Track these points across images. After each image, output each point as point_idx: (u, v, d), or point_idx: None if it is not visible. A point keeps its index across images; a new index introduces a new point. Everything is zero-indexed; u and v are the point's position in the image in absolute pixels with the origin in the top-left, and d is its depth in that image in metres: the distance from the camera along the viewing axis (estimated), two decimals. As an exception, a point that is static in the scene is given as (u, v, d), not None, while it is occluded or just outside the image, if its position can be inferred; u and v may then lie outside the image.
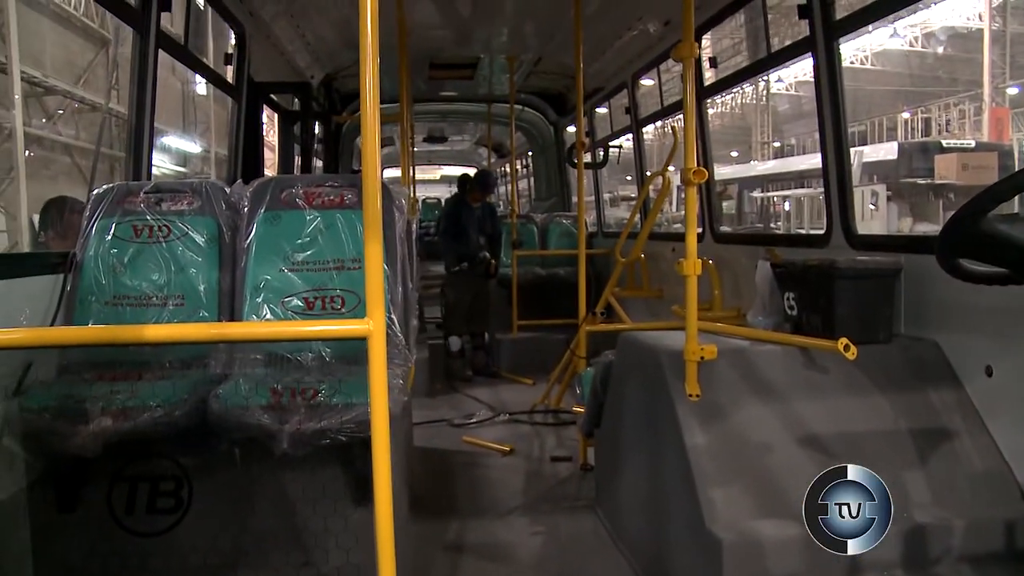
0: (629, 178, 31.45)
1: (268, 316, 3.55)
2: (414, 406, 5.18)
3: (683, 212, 3.49)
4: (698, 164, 3.39)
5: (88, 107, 16.94)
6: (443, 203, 10.70)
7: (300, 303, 3.60)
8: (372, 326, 1.90)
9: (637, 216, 7.37)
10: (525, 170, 15.63)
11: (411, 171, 9.72)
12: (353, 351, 3.41)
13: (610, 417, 4.18)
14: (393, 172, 18.20)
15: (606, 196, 20.80)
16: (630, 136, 8.34)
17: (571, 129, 11.61)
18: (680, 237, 4.74)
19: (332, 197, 3.74)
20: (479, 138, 16.23)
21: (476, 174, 8.59)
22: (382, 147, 2.61)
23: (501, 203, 19.17)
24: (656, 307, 7.23)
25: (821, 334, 3.51)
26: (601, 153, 8.86)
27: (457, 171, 15.76)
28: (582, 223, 6.04)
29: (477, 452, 5.70)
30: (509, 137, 10.23)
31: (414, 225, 4.23)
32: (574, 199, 11.69)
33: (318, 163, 9.47)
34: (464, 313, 8.39)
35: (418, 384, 6.75)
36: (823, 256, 3.95)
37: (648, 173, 7.70)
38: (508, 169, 12.85)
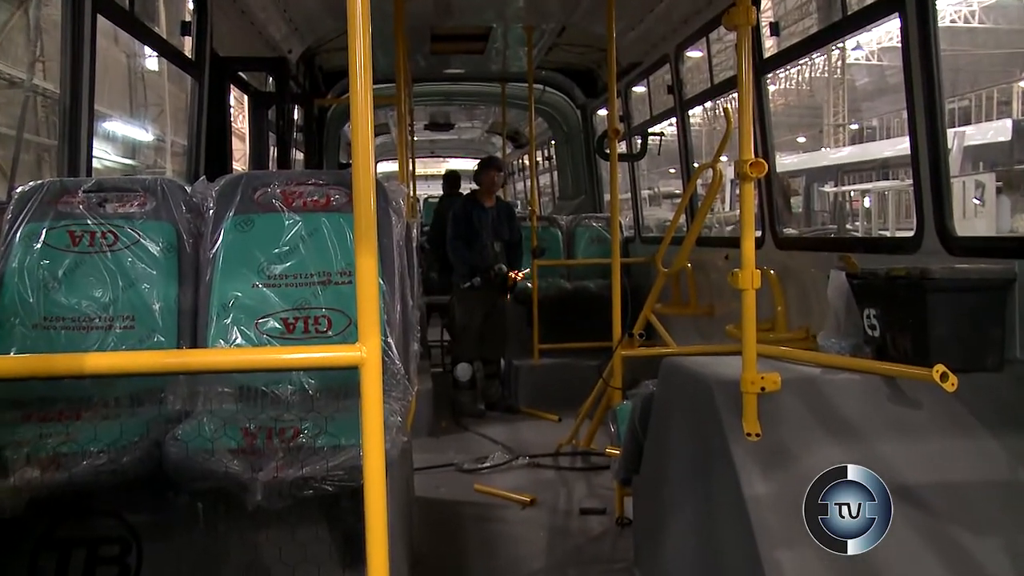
0: (672, 171, 31.53)
1: (239, 341, 3.57)
2: (415, 448, 5.18)
3: (738, 212, 3.48)
4: (756, 154, 3.39)
5: (4, 82, 16.52)
6: (441, 203, 10.78)
7: (278, 325, 3.61)
8: (365, 352, 1.91)
9: (682, 217, 7.37)
10: (547, 163, 15.69)
11: (410, 165, 9.77)
12: (342, 382, 3.42)
13: (652, 461, 4.16)
14: (388, 166, 18.40)
15: (644, 193, 20.73)
16: (673, 121, 8.35)
17: (602, 113, 11.66)
18: (735, 242, 4.70)
19: (316, 197, 3.76)
20: (491, 125, 16.33)
21: (479, 164, 8.60)
22: (375, 136, 2.62)
23: (519, 202, 19.24)
24: (706, 327, 7.20)
25: (911, 360, 3.49)
26: (639, 142, 8.87)
27: (468, 165, 15.86)
28: (616, 226, 6.06)
29: (492, 503, 5.69)
30: (528, 123, 10.26)
31: (414, 230, 4.25)
32: (606, 197, 11.71)
33: (298, 156, 9.53)
34: (475, 335, 8.41)
35: (420, 422, 6.77)
36: (913, 263, 3.92)
37: (695, 165, 7.70)
38: (527, 162, 12.86)
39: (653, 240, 9.37)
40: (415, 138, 12.30)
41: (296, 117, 9.03)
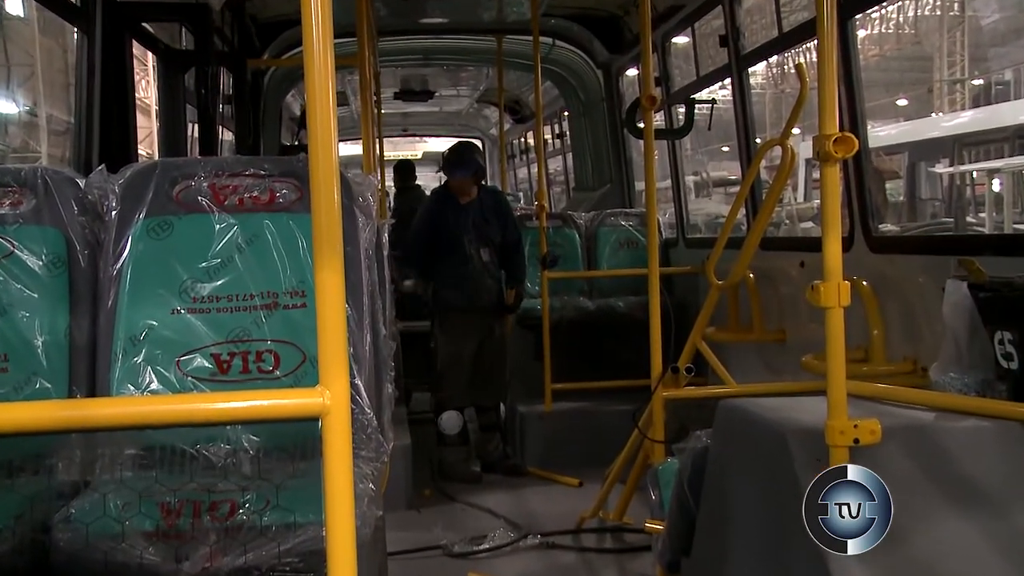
0: (727, 150, 31.49)
1: (154, 386, 3.59)
2: (390, 524, 5.17)
3: (816, 204, 3.50)
4: (842, 126, 3.42)
5: None
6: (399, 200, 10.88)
7: (207, 364, 3.64)
8: (329, 398, 1.93)
9: (741, 212, 7.38)
10: (558, 142, 15.71)
11: (376, 147, 9.79)
12: (296, 439, 3.45)
13: (707, 539, 4.17)
14: (347, 149, 18.39)
15: (690, 180, 20.70)
16: (728, 83, 8.37)
17: (632, 74, 11.68)
18: (813, 244, 4.69)
19: (256, 193, 3.80)
20: (483, 92, 16.33)
21: (447, 154, 8.70)
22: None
23: (521, 195, 19.25)
24: (776, 358, 7.22)
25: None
26: (682, 113, 8.89)
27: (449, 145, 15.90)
28: (653, 225, 6.07)
29: (491, 600, 5.71)
30: (533, 90, 10.28)
31: (385, 235, 4.26)
32: (639, 187, 11.71)
33: (226, 136, 9.55)
34: (465, 374, 8.45)
35: (396, 489, 6.76)
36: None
37: (758, 142, 7.72)
38: (531, 141, 12.90)
39: (702, 243, 9.39)
40: (382, 111, 12.31)
41: (223, 84, 9.06)
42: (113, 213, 3.82)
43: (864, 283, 5.72)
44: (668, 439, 5.55)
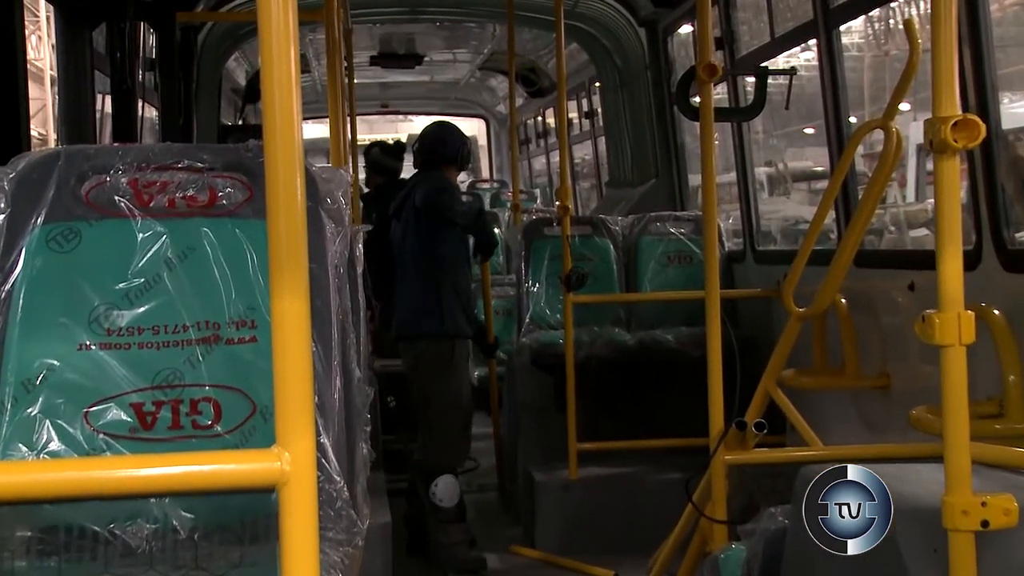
0: (811, 133, 31.45)
1: (54, 446, 3.60)
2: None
3: (930, 207, 3.52)
4: (965, 105, 3.44)
5: None
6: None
7: (125, 415, 3.66)
8: (288, 463, 1.95)
9: (830, 215, 7.39)
10: (586, 123, 15.74)
11: (347, 128, 9.81)
12: (243, 516, 3.46)
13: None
14: (309, 131, 18.35)
15: (761, 174, 20.68)
16: (813, 46, 8.40)
17: (685, 33, 11.71)
18: (927, 259, 4.67)
19: (192, 192, 3.82)
20: (488, 57, 16.35)
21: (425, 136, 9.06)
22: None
23: (537, 192, 19.23)
24: (876, 410, 7.23)
25: None
26: (751, 86, 8.91)
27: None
28: (713, 234, 6.08)
29: None
30: (554, 54, 10.32)
31: (359, 247, 4.28)
32: (693, 182, 11.71)
33: (149, 113, 9.59)
34: (467, 423, 8.70)
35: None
36: None
37: (852, 123, 7.75)
38: (551, 122, 12.92)
39: (777, 257, 9.40)
40: (355, 80, 12.34)
41: (143, 44, 9.10)
42: (0, 217, 3.85)
43: (995, 312, 5.71)
44: (732, 518, 5.56)
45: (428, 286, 8.66)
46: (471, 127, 21.92)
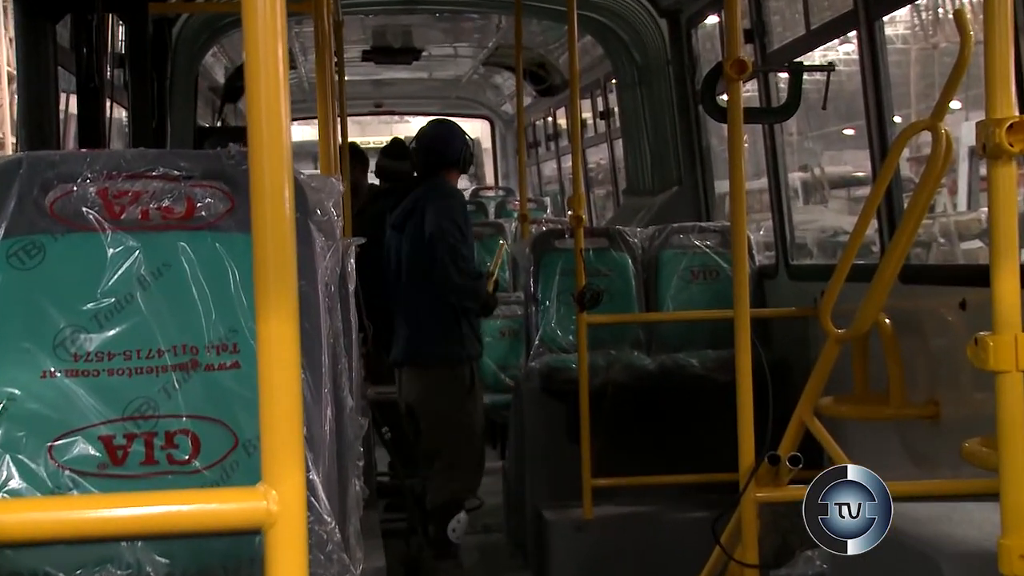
0: (851, 134, 31.55)
1: (15, 483, 3.59)
2: None
3: (983, 216, 3.50)
4: (1022, 107, 3.42)
5: None
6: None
7: (94, 450, 3.64)
8: (275, 502, 1.94)
9: (872, 226, 7.38)
10: (602, 124, 15.78)
11: (337, 131, 9.81)
12: (225, 560, 3.47)
13: None
14: (296, 133, 18.41)
15: (795, 180, 20.72)
16: (852, 38, 8.39)
17: (711, 24, 11.73)
18: (980, 275, 4.63)
19: (168, 203, 3.81)
20: (493, 51, 16.40)
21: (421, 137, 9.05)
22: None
23: (547, 201, 19.27)
24: (924, 442, 7.23)
25: None
26: (784, 83, 8.91)
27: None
28: (742, 246, 6.07)
29: None
30: (566, 48, 10.34)
31: (351, 262, 4.28)
32: (720, 190, 11.71)
33: (119, 114, 9.61)
34: (482, 452, 8.78)
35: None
36: None
37: (897, 123, 7.74)
38: (563, 123, 12.94)
39: (814, 273, 9.40)
40: (346, 77, 12.36)
41: (112, 38, 9.12)
42: (-45, 231, 3.84)
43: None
44: (764, 562, 5.54)
45: (443, 308, 8.70)
46: (474, 128, 22.05)
